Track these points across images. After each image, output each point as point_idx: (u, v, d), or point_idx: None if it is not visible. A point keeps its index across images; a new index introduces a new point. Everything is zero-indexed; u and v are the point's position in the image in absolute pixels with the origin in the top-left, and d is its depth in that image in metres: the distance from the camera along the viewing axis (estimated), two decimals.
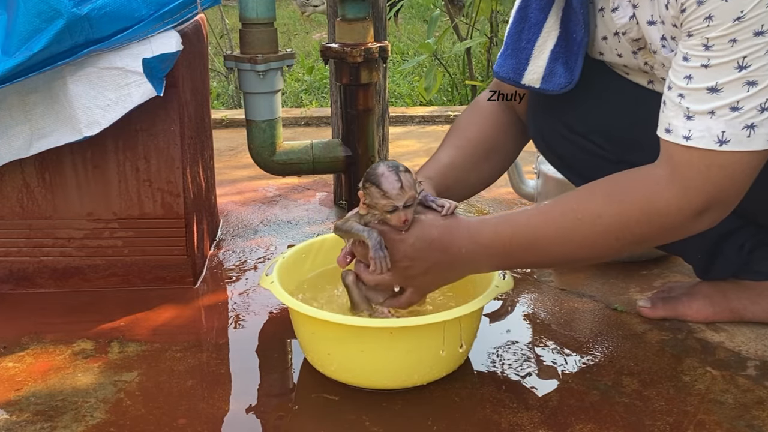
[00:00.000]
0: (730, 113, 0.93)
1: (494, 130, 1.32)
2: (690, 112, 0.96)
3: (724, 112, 0.94)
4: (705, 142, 0.95)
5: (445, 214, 1.06)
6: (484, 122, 1.33)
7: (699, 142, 0.95)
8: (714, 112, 0.94)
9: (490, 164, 1.31)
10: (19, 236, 1.42)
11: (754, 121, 0.93)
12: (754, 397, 1.09)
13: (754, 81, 0.92)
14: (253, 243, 1.70)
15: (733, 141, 0.94)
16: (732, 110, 0.93)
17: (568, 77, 1.16)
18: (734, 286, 1.28)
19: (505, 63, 1.22)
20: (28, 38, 1.18)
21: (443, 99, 3.68)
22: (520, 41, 1.20)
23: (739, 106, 0.93)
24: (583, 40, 1.15)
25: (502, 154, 1.33)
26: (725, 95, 0.93)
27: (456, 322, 1.06)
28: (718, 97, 0.94)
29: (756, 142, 0.94)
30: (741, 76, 0.92)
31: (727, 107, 0.93)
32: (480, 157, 1.29)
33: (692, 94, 0.96)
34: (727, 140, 0.94)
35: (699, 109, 0.95)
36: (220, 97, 3.93)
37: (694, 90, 0.95)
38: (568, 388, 1.12)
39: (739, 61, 0.91)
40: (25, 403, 1.09)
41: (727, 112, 0.93)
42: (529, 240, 1.05)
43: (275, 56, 1.69)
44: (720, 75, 0.93)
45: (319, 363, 1.14)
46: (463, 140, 1.30)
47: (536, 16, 1.18)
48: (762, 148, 0.95)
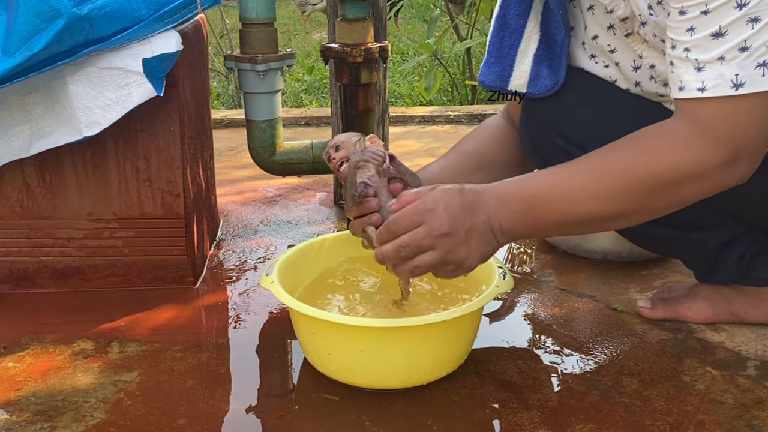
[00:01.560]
0: (740, 54, 0.91)
1: (491, 141, 1.33)
2: (699, 63, 0.94)
3: (733, 54, 0.92)
4: (721, 89, 0.93)
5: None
6: (482, 135, 1.34)
7: (715, 90, 0.93)
8: (723, 57, 0.92)
9: (484, 174, 1.31)
10: (19, 236, 1.42)
11: (765, 59, 0.91)
12: (754, 397, 1.09)
13: (757, 17, 0.90)
14: (253, 243, 1.70)
15: (748, 83, 0.92)
16: (741, 51, 0.91)
17: (553, 79, 1.18)
18: (735, 289, 1.28)
19: (490, 71, 1.24)
20: (28, 38, 1.18)
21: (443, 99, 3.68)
22: (502, 48, 1.22)
23: (747, 45, 0.91)
24: (564, 42, 1.16)
25: (498, 165, 1.32)
26: (731, 37, 0.91)
27: (456, 322, 1.06)
28: (725, 40, 0.92)
29: None
30: (742, 14, 0.90)
31: (736, 48, 0.91)
32: (471, 167, 1.29)
33: (698, 45, 0.94)
34: (742, 83, 0.92)
35: (708, 57, 0.93)
36: (220, 97, 3.93)
37: (698, 40, 0.93)
38: (568, 388, 1.12)
39: (738, 0, 0.90)
40: (25, 403, 1.09)
41: (737, 53, 0.91)
42: (555, 194, 1.00)
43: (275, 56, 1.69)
44: (721, 18, 0.91)
45: (319, 363, 1.14)
46: (457, 153, 1.31)
47: (516, 22, 1.19)
48: None
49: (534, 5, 1.18)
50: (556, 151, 1.21)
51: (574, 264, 1.55)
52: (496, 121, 1.36)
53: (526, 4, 1.18)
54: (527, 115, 1.25)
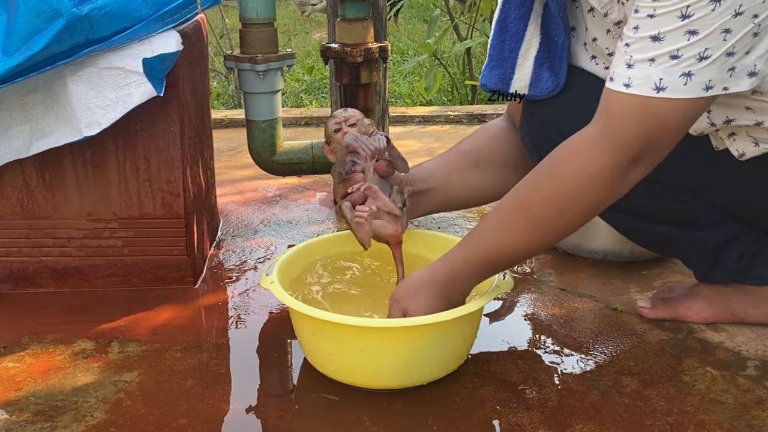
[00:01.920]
0: (669, 61, 0.95)
1: (490, 141, 1.34)
2: (632, 60, 0.98)
3: (663, 59, 0.95)
4: (643, 88, 0.97)
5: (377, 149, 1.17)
6: (482, 136, 1.36)
7: (637, 88, 0.97)
8: (654, 60, 0.96)
9: (480, 172, 1.32)
10: (19, 236, 1.42)
11: (691, 69, 0.94)
12: (754, 397, 1.09)
13: (696, 30, 0.93)
14: (253, 243, 1.70)
15: (670, 88, 0.96)
16: (671, 58, 0.95)
17: (555, 81, 1.19)
18: (735, 289, 1.28)
19: (491, 74, 1.25)
20: (28, 38, 1.18)
21: (443, 99, 3.68)
22: (503, 51, 1.23)
23: (678, 54, 0.94)
24: (564, 44, 1.17)
25: (495, 164, 1.33)
26: (666, 43, 0.95)
27: (456, 322, 1.06)
28: (660, 45, 0.95)
29: (691, 90, 0.95)
30: (683, 24, 0.93)
31: (667, 55, 0.95)
32: (468, 165, 1.31)
33: (637, 43, 0.97)
34: (664, 87, 0.96)
35: (640, 57, 0.97)
36: (220, 97, 3.93)
37: (638, 39, 0.97)
38: (568, 388, 1.12)
39: (683, 11, 0.93)
40: (25, 403, 1.09)
41: (667, 59, 0.95)
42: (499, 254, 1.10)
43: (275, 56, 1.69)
44: (663, 24, 0.94)
45: (319, 363, 1.14)
46: (454, 151, 1.34)
47: (516, 26, 1.21)
48: (696, 96, 0.96)
49: (534, 8, 1.19)
50: None
51: (574, 264, 1.55)
52: (497, 123, 1.37)
53: (527, 7, 1.19)
54: (528, 114, 1.25)
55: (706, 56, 0.94)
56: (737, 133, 1.12)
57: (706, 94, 0.96)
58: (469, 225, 1.76)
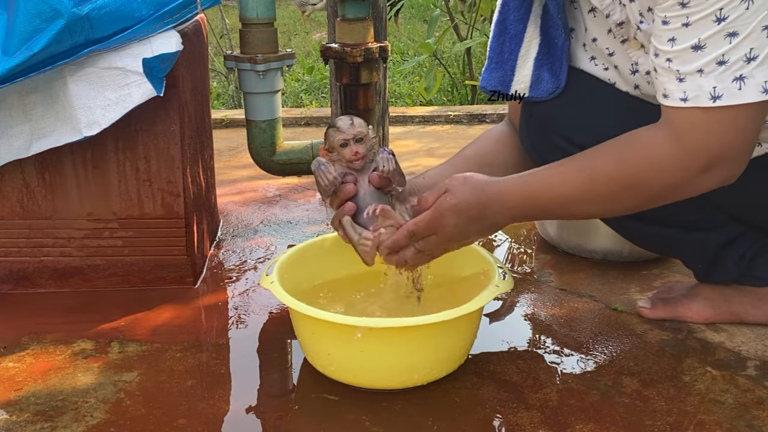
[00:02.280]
0: (717, 68, 0.94)
1: (492, 145, 1.34)
2: (681, 74, 0.97)
3: (711, 67, 0.94)
4: (700, 100, 0.96)
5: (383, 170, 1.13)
6: (484, 141, 1.36)
7: (695, 101, 0.97)
8: (702, 70, 0.95)
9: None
10: (19, 236, 1.42)
11: (742, 73, 0.93)
12: (754, 397, 1.09)
13: (735, 32, 0.92)
14: (253, 243, 1.70)
15: (725, 95, 0.95)
16: (719, 65, 0.94)
17: (555, 83, 1.19)
18: (735, 289, 1.28)
19: (491, 76, 1.25)
20: (28, 38, 1.18)
21: (443, 99, 3.68)
22: (503, 53, 1.23)
23: (725, 60, 0.93)
24: (564, 45, 1.17)
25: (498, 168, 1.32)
26: (709, 50, 0.94)
27: (456, 322, 1.06)
28: (703, 53, 0.94)
29: (748, 94, 0.94)
30: (721, 28, 0.92)
31: (714, 62, 0.94)
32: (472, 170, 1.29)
33: (679, 56, 0.96)
34: (719, 95, 0.95)
35: (688, 69, 0.96)
36: (220, 97, 3.93)
37: (679, 51, 0.96)
38: (568, 388, 1.12)
39: (717, 14, 0.92)
40: (25, 403, 1.09)
41: (715, 67, 0.94)
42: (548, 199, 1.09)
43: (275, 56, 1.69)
44: (701, 31, 0.93)
45: (319, 363, 1.14)
46: (458, 157, 1.34)
47: (515, 27, 1.20)
48: (755, 99, 0.95)
49: (533, 10, 1.18)
50: (556, 151, 1.20)
51: (574, 264, 1.55)
52: (499, 128, 1.37)
53: (525, 8, 1.19)
54: (527, 115, 1.25)
55: (754, 57, 0.92)
56: None
57: (765, 96, 0.94)
58: None
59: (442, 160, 2.23)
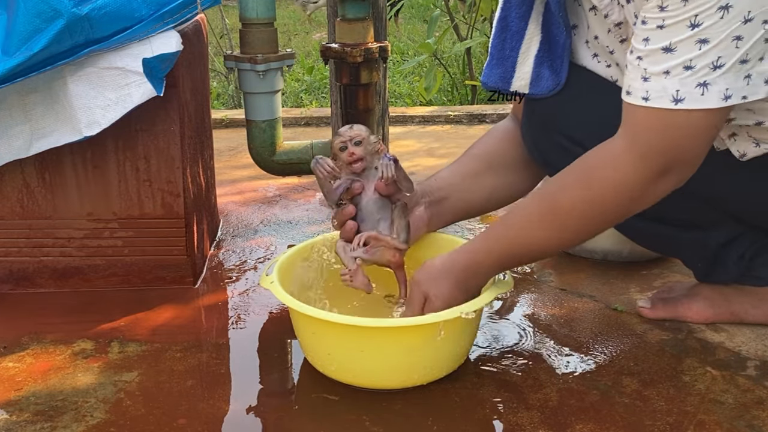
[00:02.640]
0: (683, 72, 0.95)
1: (499, 143, 1.34)
2: (647, 74, 0.98)
3: (678, 71, 0.95)
4: (661, 101, 0.97)
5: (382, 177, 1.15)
6: (491, 139, 1.36)
7: (656, 102, 0.97)
8: (669, 72, 0.96)
9: (494, 174, 1.31)
10: (19, 236, 1.42)
11: (707, 79, 0.94)
12: (754, 397, 1.09)
13: (706, 39, 0.93)
14: (253, 243, 1.70)
15: (687, 99, 0.95)
16: (685, 69, 0.95)
17: (555, 80, 1.19)
18: (735, 289, 1.28)
19: (492, 73, 1.25)
20: (28, 38, 1.18)
21: (443, 99, 3.68)
22: (504, 50, 1.23)
23: (692, 65, 0.94)
24: (566, 42, 1.17)
25: (507, 165, 1.32)
26: (678, 54, 0.95)
27: (456, 322, 1.06)
28: (672, 56, 0.95)
29: (709, 100, 0.95)
30: (693, 34, 0.93)
31: (681, 66, 0.95)
32: (481, 169, 1.31)
33: (649, 56, 0.97)
34: (681, 98, 0.96)
35: (655, 69, 0.97)
36: (220, 97, 3.93)
37: (650, 51, 0.97)
38: (568, 388, 1.12)
39: (692, 20, 0.92)
40: (25, 403, 1.09)
41: (681, 71, 0.95)
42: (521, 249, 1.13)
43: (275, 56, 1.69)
44: (673, 34, 0.94)
45: (319, 363, 1.14)
46: (466, 157, 1.34)
47: (517, 24, 1.21)
48: (715, 106, 0.96)
49: (535, 7, 1.18)
50: (557, 149, 1.21)
51: (574, 264, 1.55)
52: (505, 124, 1.37)
53: (527, 6, 1.19)
54: (529, 113, 1.25)
55: (720, 65, 0.93)
56: (738, 133, 1.12)
57: (725, 103, 0.95)
58: (469, 226, 1.76)
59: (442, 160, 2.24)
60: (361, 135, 1.17)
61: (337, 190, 1.17)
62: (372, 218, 1.17)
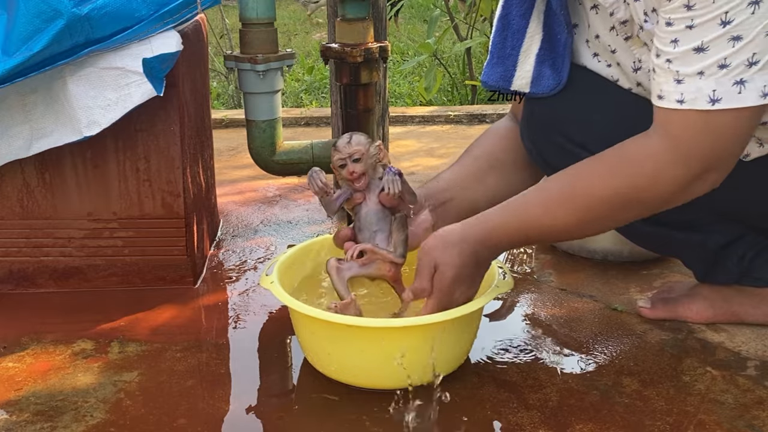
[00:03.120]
0: (718, 71, 0.94)
1: (500, 142, 1.33)
2: (680, 76, 0.96)
3: (712, 70, 0.94)
4: (698, 103, 0.95)
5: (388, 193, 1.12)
6: (491, 138, 1.35)
7: (692, 103, 0.96)
8: (703, 72, 0.94)
9: (497, 174, 1.31)
10: (19, 236, 1.42)
11: (743, 77, 0.93)
12: (754, 397, 1.09)
13: (739, 36, 0.92)
14: (253, 243, 1.70)
15: (725, 98, 0.94)
16: (720, 68, 0.93)
17: (557, 79, 1.18)
18: (735, 290, 1.28)
19: (493, 71, 1.25)
20: (28, 38, 1.18)
21: (443, 99, 3.68)
22: (504, 48, 1.22)
23: (726, 63, 0.93)
24: (567, 41, 1.16)
25: (509, 164, 1.32)
26: (712, 53, 0.93)
27: (456, 322, 1.06)
28: (705, 56, 0.94)
29: (748, 98, 0.94)
30: (725, 31, 0.92)
31: (715, 65, 0.93)
32: (483, 169, 1.30)
33: (680, 57, 0.96)
34: (719, 98, 0.94)
35: (688, 71, 0.95)
36: (220, 97, 3.93)
37: (681, 53, 0.96)
38: (568, 388, 1.12)
39: (722, 17, 0.91)
40: (25, 403, 1.09)
41: (716, 70, 0.94)
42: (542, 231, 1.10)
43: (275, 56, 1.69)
44: (704, 33, 0.93)
45: (319, 363, 1.14)
46: (467, 157, 1.33)
47: (518, 23, 1.20)
48: (755, 103, 0.94)
49: (536, 5, 1.18)
50: (556, 149, 1.21)
51: (574, 264, 1.55)
52: (504, 123, 1.36)
53: (528, 4, 1.18)
54: (528, 113, 1.25)
55: (756, 61, 0.92)
56: None
57: (764, 101, 0.94)
58: None
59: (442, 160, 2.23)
60: (360, 151, 1.13)
61: (336, 201, 1.16)
62: (369, 229, 1.15)
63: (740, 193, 1.17)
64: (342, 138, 1.16)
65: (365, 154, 1.14)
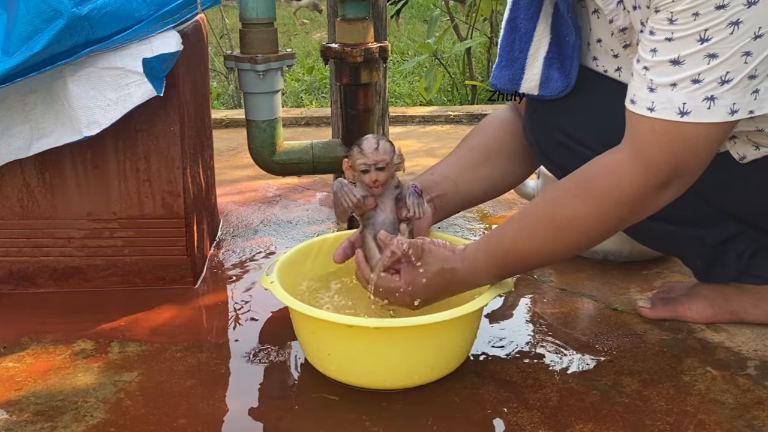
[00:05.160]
0: (691, 85, 0.95)
1: (497, 133, 1.34)
2: (653, 84, 0.98)
3: (685, 84, 0.95)
4: (667, 113, 0.97)
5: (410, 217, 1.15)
6: (488, 128, 1.36)
7: (661, 113, 0.97)
8: (676, 84, 0.96)
9: (491, 165, 1.32)
10: (19, 236, 1.42)
11: (714, 93, 0.94)
12: (754, 397, 1.09)
13: (715, 54, 0.93)
14: (253, 243, 1.70)
15: (693, 112, 0.96)
16: (693, 82, 0.95)
17: (565, 81, 1.18)
18: (735, 288, 1.28)
19: (501, 74, 1.25)
20: (28, 38, 1.18)
21: (443, 99, 3.68)
22: (512, 52, 1.23)
23: (699, 78, 0.94)
24: (575, 44, 1.17)
25: (504, 156, 1.33)
26: (687, 67, 0.95)
27: (456, 322, 1.06)
28: (680, 69, 0.95)
29: (716, 114, 0.95)
30: (702, 48, 0.93)
31: (689, 79, 0.95)
32: (478, 160, 1.31)
33: (656, 67, 0.97)
34: (688, 111, 0.96)
35: (662, 81, 0.97)
36: (220, 97, 3.93)
37: (658, 63, 0.97)
38: (568, 388, 1.12)
39: (701, 34, 0.93)
40: (25, 403, 1.09)
41: (689, 84, 0.95)
42: (518, 258, 1.11)
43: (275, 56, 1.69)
44: (682, 48, 0.94)
45: (319, 363, 1.14)
46: (463, 148, 1.34)
47: (525, 26, 1.21)
48: (721, 120, 0.96)
49: (544, 8, 1.18)
50: (557, 146, 1.21)
51: (574, 264, 1.55)
52: (502, 114, 1.37)
53: (536, 7, 1.19)
54: (532, 109, 1.25)
55: (728, 80, 0.94)
56: (738, 136, 1.12)
57: (731, 118, 0.96)
58: (469, 225, 1.76)
59: None
60: (386, 160, 1.13)
61: (356, 207, 1.16)
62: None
63: (738, 193, 1.18)
64: (368, 141, 1.14)
65: (389, 164, 1.14)
